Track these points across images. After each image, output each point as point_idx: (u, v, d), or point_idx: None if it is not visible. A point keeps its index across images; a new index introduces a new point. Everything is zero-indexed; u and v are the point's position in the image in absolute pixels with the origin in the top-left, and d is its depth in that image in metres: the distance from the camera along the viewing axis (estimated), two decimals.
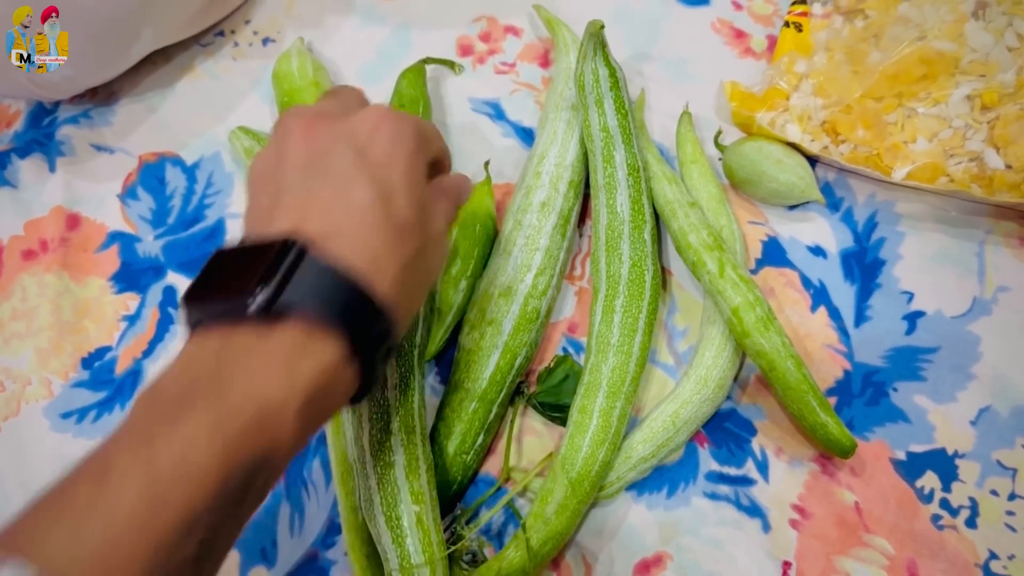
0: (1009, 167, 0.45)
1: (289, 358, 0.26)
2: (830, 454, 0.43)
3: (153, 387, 0.26)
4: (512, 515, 0.44)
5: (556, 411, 0.46)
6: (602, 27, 0.48)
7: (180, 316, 0.29)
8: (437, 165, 0.36)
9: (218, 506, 0.23)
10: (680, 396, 0.44)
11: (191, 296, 0.28)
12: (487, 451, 0.46)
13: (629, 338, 0.44)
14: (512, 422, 0.46)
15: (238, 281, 0.27)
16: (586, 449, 0.42)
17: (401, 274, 0.30)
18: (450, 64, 0.59)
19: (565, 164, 0.50)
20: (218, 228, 0.55)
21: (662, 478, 0.45)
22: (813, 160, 0.51)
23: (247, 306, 0.26)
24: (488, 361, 0.45)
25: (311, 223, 0.29)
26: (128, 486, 0.22)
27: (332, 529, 0.45)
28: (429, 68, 0.59)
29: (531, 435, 0.47)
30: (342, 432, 0.44)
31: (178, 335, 0.52)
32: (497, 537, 0.44)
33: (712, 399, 0.44)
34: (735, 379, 0.46)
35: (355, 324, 0.27)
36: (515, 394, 0.47)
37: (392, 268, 0.29)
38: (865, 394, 0.45)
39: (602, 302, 0.46)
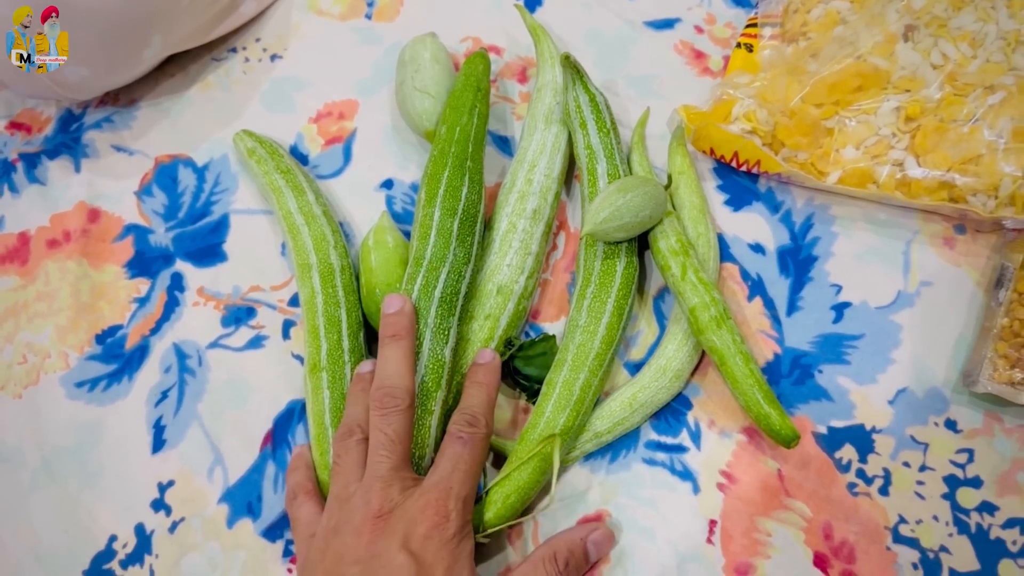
0: (926, 173, 0.50)
1: None
2: (775, 443, 0.45)
3: None
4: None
5: (524, 379, 0.51)
6: (567, 57, 0.54)
7: None
8: None
9: None
10: (639, 382, 0.49)
11: None
12: None
13: (596, 320, 0.49)
14: None
15: None
16: (548, 413, 0.47)
17: None
18: None
19: (552, 176, 0.56)
20: (223, 222, 0.61)
21: (607, 446, 0.49)
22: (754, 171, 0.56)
23: None
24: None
25: None
26: None
27: None
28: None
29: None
30: (320, 398, 0.49)
31: (182, 316, 0.58)
32: None
33: (668, 387, 0.49)
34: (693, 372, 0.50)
35: None
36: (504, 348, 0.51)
37: None
38: (792, 375, 0.50)
39: (577, 292, 0.51)
